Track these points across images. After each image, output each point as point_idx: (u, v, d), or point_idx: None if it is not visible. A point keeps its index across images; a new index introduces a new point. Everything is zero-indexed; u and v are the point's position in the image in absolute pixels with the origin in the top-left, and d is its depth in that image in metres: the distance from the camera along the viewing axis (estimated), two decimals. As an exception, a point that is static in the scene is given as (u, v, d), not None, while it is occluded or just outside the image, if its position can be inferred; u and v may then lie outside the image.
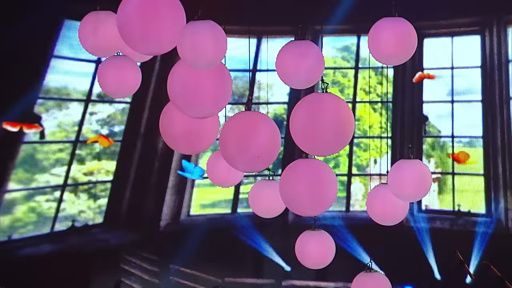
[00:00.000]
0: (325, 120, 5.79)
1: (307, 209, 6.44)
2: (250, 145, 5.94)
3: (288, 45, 6.31)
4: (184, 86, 5.75)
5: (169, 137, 6.57)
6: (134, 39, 5.63)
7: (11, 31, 10.92)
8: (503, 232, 11.61)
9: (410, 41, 6.34)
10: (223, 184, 9.15)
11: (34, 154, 12.42)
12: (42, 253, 12.06)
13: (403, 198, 7.01)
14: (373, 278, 7.11)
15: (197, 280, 12.80)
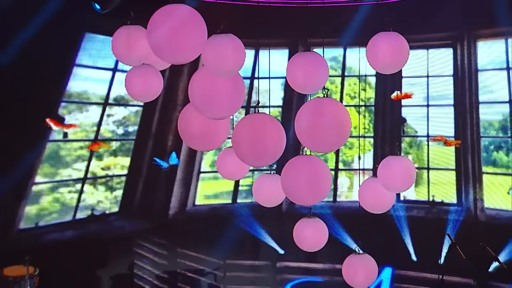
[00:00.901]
0: (326, 121, 5.93)
1: (306, 199, 6.59)
2: (260, 142, 6.08)
3: (298, 55, 6.40)
4: (205, 91, 5.86)
5: (187, 136, 6.70)
6: (164, 52, 5.80)
7: (40, 43, 10.90)
8: (472, 220, 11.66)
9: (403, 53, 6.47)
10: (231, 177, 9.26)
11: (58, 151, 12.38)
12: (65, 238, 12.08)
13: (391, 190, 7.16)
14: (362, 259, 7.37)
15: (201, 262, 12.88)
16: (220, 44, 5.55)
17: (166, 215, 13.03)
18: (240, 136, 5.95)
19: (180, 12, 5.47)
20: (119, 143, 12.99)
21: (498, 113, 11.89)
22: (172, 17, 5.48)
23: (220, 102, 5.77)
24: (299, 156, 6.55)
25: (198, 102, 5.80)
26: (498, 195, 11.78)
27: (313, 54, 6.20)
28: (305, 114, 5.92)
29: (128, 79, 7.11)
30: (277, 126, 6.14)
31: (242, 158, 6.31)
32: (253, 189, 7.81)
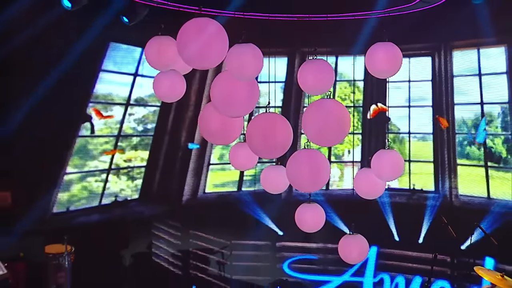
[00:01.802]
0: (330, 119, 6.03)
1: (308, 187, 6.69)
2: (271, 137, 6.19)
3: (307, 63, 6.50)
4: (225, 93, 5.96)
5: (206, 132, 6.81)
6: (192, 59, 5.87)
7: (71, 52, 10.95)
8: (448, 205, 11.68)
9: (398, 60, 6.59)
10: (241, 168, 9.39)
11: (86, 145, 12.40)
12: (92, 221, 12.15)
13: (382, 179, 7.25)
14: (355, 239, 7.36)
15: (210, 242, 12.90)
16: (242, 52, 5.66)
17: (180, 201, 13.02)
18: (254, 132, 6.06)
19: (206, 26, 5.57)
20: (139, 138, 12.97)
21: (470, 113, 11.86)
22: (201, 31, 5.58)
23: (238, 102, 5.88)
24: (302, 149, 6.67)
25: (219, 102, 5.89)
26: (471, 184, 11.79)
27: (321, 61, 6.30)
28: (311, 113, 6.03)
29: (156, 82, 7.22)
30: (286, 123, 6.26)
31: (255, 151, 6.42)
32: (261, 179, 7.88)
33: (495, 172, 11.55)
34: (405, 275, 11.81)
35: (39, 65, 10.63)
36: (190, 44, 5.63)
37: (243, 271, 12.77)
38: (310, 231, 7.67)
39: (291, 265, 12.61)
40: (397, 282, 11.87)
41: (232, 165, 8.10)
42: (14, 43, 10.03)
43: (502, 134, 11.59)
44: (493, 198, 11.37)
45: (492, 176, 11.55)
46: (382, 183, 7.28)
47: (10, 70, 10.49)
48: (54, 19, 10.12)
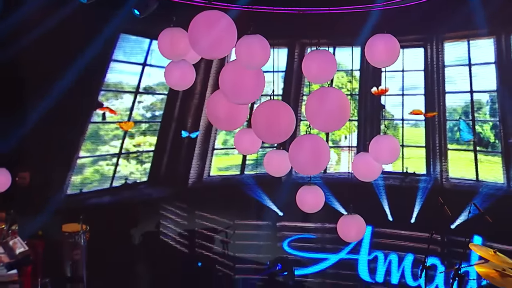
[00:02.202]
0: (331, 106, 6.09)
1: (309, 170, 6.77)
2: (275, 123, 6.25)
3: (311, 53, 6.56)
4: (233, 81, 6.02)
5: (214, 118, 6.89)
6: (203, 50, 5.93)
7: (85, 44, 10.96)
8: (438, 187, 11.72)
9: (396, 51, 6.67)
10: (245, 152, 9.43)
11: (98, 131, 12.38)
12: (104, 202, 12.17)
13: (380, 162, 7.35)
14: (353, 219, 7.49)
15: (215, 222, 12.92)
16: (251, 43, 5.72)
17: (186, 184, 13.01)
18: (259, 118, 6.13)
19: (217, 19, 5.63)
20: (147, 124, 12.94)
21: (461, 101, 11.88)
22: (212, 24, 5.64)
23: (245, 90, 5.95)
24: (304, 135, 6.74)
25: (227, 89, 5.97)
26: (460, 167, 11.81)
27: (325, 51, 6.36)
28: (314, 100, 6.10)
29: (168, 71, 7.31)
30: (289, 110, 6.32)
31: (260, 136, 6.49)
32: (264, 162, 7.98)
33: (484, 156, 11.56)
34: (398, 253, 11.83)
35: (55, 58, 10.57)
36: (202, 36, 5.70)
37: (246, 249, 12.76)
38: (310, 212, 7.74)
39: (290, 244, 12.61)
40: (390, 259, 11.88)
41: (237, 149, 8.19)
42: (33, 36, 9.98)
43: (491, 121, 11.60)
44: (482, 180, 11.39)
45: (480, 160, 11.56)
46: (379, 166, 7.40)
47: (29, 62, 10.45)
48: (69, 13, 10.09)
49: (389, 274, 11.94)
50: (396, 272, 11.86)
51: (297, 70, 12.56)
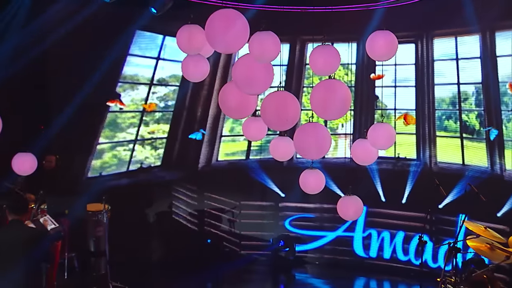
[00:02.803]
0: (334, 96, 6.17)
1: (312, 155, 6.83)
2: (282, 112, 6.33)
3: (317, 48, 6.61)
4: (246, 73, 6.09)
5: (225, 107, 6.95)
6: (218, 44, 6.01)
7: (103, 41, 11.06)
8: (427, 171, 11.70)
9: (394, 46, 6.74)
10: (252, 139, 9.47)
11: (116, 120, 12.50)
12: (121, 185, 12.23)
13: (378, 148, 7.42)
14: (352, 199, 7.49)
15: (222, 203, 12.94)
16: (264, 39, 5.80)
17: (196, 168, 13.01)
18: (268, 107, 6.21)
19: (232, 17, 5.71)
20: (161, 113, 13.00)
21: (448, 92, 11.87)
22: (227, 21, 5.71)
23: (256, 81, 6.02)
24: (308, 123, 6.83)
25: (240, 81, 6.02)
26: (448, 152, 11.79)
27: (330, 47, 6.43)
28: (319, 91, 6.17)
29: (185, 64, 7.36)
30: (295, 100, 6.40)
31: (269, 124, 6.57)
32: (270, 148, 7.98)
33: (470, 142, 11.57)
34: (390, 231, 11.83)
35: (79, 52, 10.70)
36: (218, 32, 5.78)
37: (250, 227, 12.80)
38: (312, 193, 7.80)
39: (291, 223, 12.61)
40: (383, 236, 11.88)
41: (245, 136, 8.26)
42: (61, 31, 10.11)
43: (476, 110, 11.60)
44: (467, 164, 11.39)
45: (466, 146, 11.56)
46: (375, 151, 7.41)
47: (57, 56, 10.65)
48: (93, 11, 10.20)
49: (382, 249, 11.96)
50: (388, 248, 11.90)
51: (298, 64, 12.57)
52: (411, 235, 11.62)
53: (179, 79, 12.79)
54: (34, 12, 10.13)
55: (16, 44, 9.90)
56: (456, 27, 11.32)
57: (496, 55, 10.99)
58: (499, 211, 9.33)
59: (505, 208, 9.46)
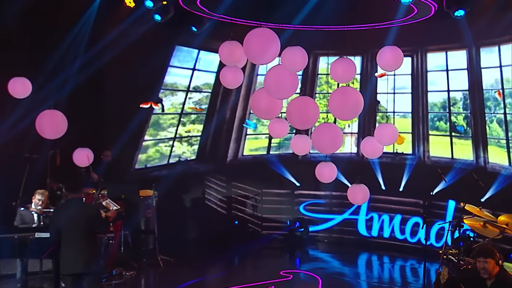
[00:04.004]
0: (349, 101, 6.35)
1: (327, 150, 6.98)
2: (304, 114, 6.51)
3: (338, 60, 6.78)
4: (276, 81, 6.27)
5: (256, 109, 7.15)
6: (255, 58, 6.19)
7: (150, 55, 11.19)
8: (421, 164, 11.63)
9: (400, 58, 6.86)
10: (277, 136, 9.53)
11: (158, 120, 12.59)
12: (163, 175, 12.20)
13: (383, 144, 7.54)
14: (360, 187, 7.62)
15: (246, 190, 13.00)
16: (294, 53, 6.02)
17: (225, 161, 13.06)
18: (293, 109, 6.40)
19: (266, 34, 5.91)
20: (196, 115, 13.03)
21: (440, 97, 11.81)
22: (263, 38, 5.92)
23: (285, 88, 6.20)
24: (324, 123, 7.04)
25: (271, 87, 6.16)
26: (439, 148, 11.71)
27: (347, 59, 6.63)
28: (336, 96, 6.38)
29: (223, 74, 7.49)
30: (315, 104, 6.61)
31: (293, 123, 6.76)
32: (291, 144, 8.09)
33: (458, 140, 11.50)
34: (389, 214, 11.85)
35: (130, 65, 10.82)
36: (255, 47, 5.97)
37: (270, 211, 12.82)
38: (327, 182, 7.95)
39: (305, 207, 12.63)
40: (383, 219, 11.90)
41: (270, 134, 8.45)
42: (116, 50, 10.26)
43: (463, 113, 11.57)
44: (456, 158, 11.35)
45: (455, 143, 11.50)
46: (381, 147, 7.54)
47: (112, 69, 10.78)
48: (144, 30, 10.40)
49: (382, 230, 11.92)
50: (387, 228, 11.87)
51: (311, 75, 12.50)
52: (407, 218, 11.60)
53: (211, 86, 12.86)
54: (95, 38, 10.29)
55: (81, 61, 10.07)
56: (446, 43, 11.32)
57: (481, 67, 10.97)
58: (483, 197, 9.35)
59: (488, 194, 9.43)
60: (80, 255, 6.31)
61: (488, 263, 5.23)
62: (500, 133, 10.96)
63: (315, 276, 9.68)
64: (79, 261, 6.30)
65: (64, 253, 6.37)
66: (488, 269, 5.23)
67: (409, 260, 11.07)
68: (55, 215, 6.95)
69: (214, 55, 12.53)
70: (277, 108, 6.95)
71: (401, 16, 10.14)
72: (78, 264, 6.30)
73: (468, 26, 10.03)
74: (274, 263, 10.85)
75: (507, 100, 10.65)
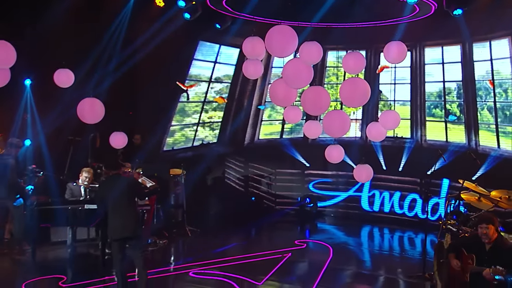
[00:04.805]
0: (358, 90, 6.45)
1: (337, 134, 7.06)
2: (317, 101, 6.62)
3: (349, 54, 6.88)
4: (293, 72, 6.36)
5: (274, 98, 7.23)
6: (276, 52, 6.28)
7: (177, 49, 11.35)
8: (419, 146, 11.66)
9: (404, 52, 6.93)
10: (291, 121, 9.58)
11: (184, 108, 12.71)
12: (188, 156, 12.43)
13: (386, 128, 7.62)
14: (365, 167, 7.57)
15: (262, 170, 13.08)
16: (311, 47, 6.16)
17: (243, 144, 13.14)
18: (307, 97, 6.52)
19: (286, 31, 6.04)
20: (217, 103, 13.04)
21: (436, 87, 11.81)
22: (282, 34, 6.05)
23: (301, 78, 6.32)
24: (334, 110, 7.13)
25: (289, 77, 6.22)
26: (434, 133, 11.77)
27: (357, 53, 6.75)
28: (346, 86, 6.48)
29: (245, 66, 7.53)
30: (326, 92, 6.72)
31: (307, 110, 6.87)
32: (304, 129, 8.13)
33: (452, 125, 11.54)
34: (389, 191, 11.91)
35: (159, 60, 10.92)
36: (276, 42, 6.10)
37: (283, 189, 12.87)
38: (335, 162, 8.03)
39: (314, 185, 12.67)
40: (384, 195, 11.95)
41: (285, 119, 8.57)
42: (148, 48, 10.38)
43: (457, 101, 11.60)
44: (450, 141, 11.43)
45: (449, 127, 11.53)
46: (384, 131, 7.58)
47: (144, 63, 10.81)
48: (174, 28, 10.42)
49: (383, 205, 11.98)
50: (388, 204, 11.92)
51: (320, 67, 12.46)
52: (405, 195, 11.68)
53: (230, 77, 12.94)
54: (130, 36, 10.39)
55: (117, 59, 10.19)
56: (442, 39, 11.34)
57: (473, 60, 10.99)
58: (474, 175, 9.44)
59: (478, 173, 9.54)
60: (126, 222, 6.53)
61: (489, 229, 5.37)
62: (490, 119, 10.98)
63: (326, 245, 9.82)
64: (126, 227, 6.53)
65: (112, 221, 6.61)
66: (489, 234, 5.37)
67: (407, 231, 11.16)
68: (100, 189, 7.20)
69: (234, 49, 12.68)
70: (292, 97, 7.05)
71: (403, 14, 10.14)
72: (125, 229, 6.53)
73: (462, 23, 10.03)
74: (287, 234, 10.88)
75: (496, 90, 10.69)
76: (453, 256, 5.68)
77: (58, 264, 8.18)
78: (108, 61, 10.08)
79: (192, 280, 7.50)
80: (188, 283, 7.42)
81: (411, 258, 9.40)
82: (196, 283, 7.40)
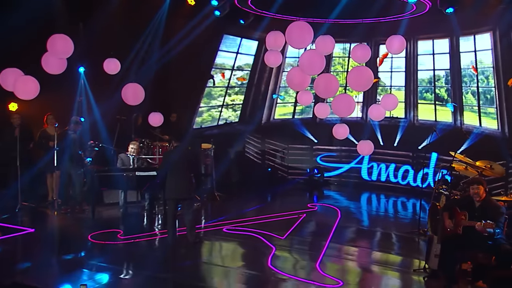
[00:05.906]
0: (363, 76, 6.65)
1: (344, 114, 7.25)
2: (328, 86, 6.84)
3: (357, 45, 7.05)
4: (309, 61, 6.56)
5: (291, 83, 7.39)
6: (295, 43, 6.47)
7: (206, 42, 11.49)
8: (412, 125, 11.73)
9: (403, 44, 7.07)
10: (304, 103, 9.70)
11: (210, 92, 12.84)
12: (214, 133, 12.41)
13: (386, 110, 7.78)
14: (367, 142, 7.73)
15: (276, 145, 13.19)
16: (326, 40, 6.38)
17: (260, 123, 13.21)
18: (320, 83, 6.73)
19: (302, 26, 6.27)
20: (238, 88, 13.23)
21: (427, 74, 11.84)
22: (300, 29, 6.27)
23: (315, 66, 6.51)
24: (342, 94, 7.32)
25: (305, 65, 6.39)
26: (425, 113, 11.84)
27: (364, 45, 6.94)
28: (353, 73, 6.68)
29: (267, 56, 7.78)
30: (336, 79, 6.94)
31: (319, 93, 7.08)
32: (315, 110, 8.34)
33: (440, 107, 11.62)
34: (385, 163, 11.98)
35: (191, 52, 10.97)
36: (295, 36, 6.32)
37: (294, 161, 12.97)
38: (341, 139, 8.18)
39: (321, 158, 12.77)
40: (381, 167, 12.05)
41: (299, 102, 8.78)
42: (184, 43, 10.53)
43: (445, 86, 11.65)
44: (439, 121, 11.49)
45: (438, 109, 11.63)
46: (384, 111, 7.74)
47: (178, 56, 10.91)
48: (205, 24, 10.61)
49: (380, 175, 12.05)
50: (384, 174, 12.02)
51: (327, 57, 12.49)
52: (399, 166, 11.80)
53: (250, 66, 13.08)
54: (167, 32, 10.52)
55: (156, 57, 10.40)
56: (433, 33, 11.40)
57: (460, 51, 11.04)
58: (459, 150, 9.56)
59: (462, 148, 9.63)
60: (184, 184, 6.98)
61: (480, 189, 5.56)
62: (473, 101, 11.06)
63: (335, 208, 10.00)
64: (183, 188, 6.97)
65: (171, 182, 7.01)
66: (479, 193, 5.56)
67: (400, 197, 11.31)
68: (166, 156, 7.51)
69: (253, 42, 12.85)
70: (306, 82, 7.27)
71: (401, 12, 10.22)
72: (182, 190, 6.98)
73: (453, 19, 10.04)
74: (298, 200, 11.02)
75: (479, 77, 10.80)
76: (447, 215, 5.82)
77: (113, 221, 8.56)
78: (148, 51, 10.28)
79: (226, 235, 7.81)
80: (223, 236, 7.73)
81: (404, 218, 9.69)
82: (230, 237, 7.71)
